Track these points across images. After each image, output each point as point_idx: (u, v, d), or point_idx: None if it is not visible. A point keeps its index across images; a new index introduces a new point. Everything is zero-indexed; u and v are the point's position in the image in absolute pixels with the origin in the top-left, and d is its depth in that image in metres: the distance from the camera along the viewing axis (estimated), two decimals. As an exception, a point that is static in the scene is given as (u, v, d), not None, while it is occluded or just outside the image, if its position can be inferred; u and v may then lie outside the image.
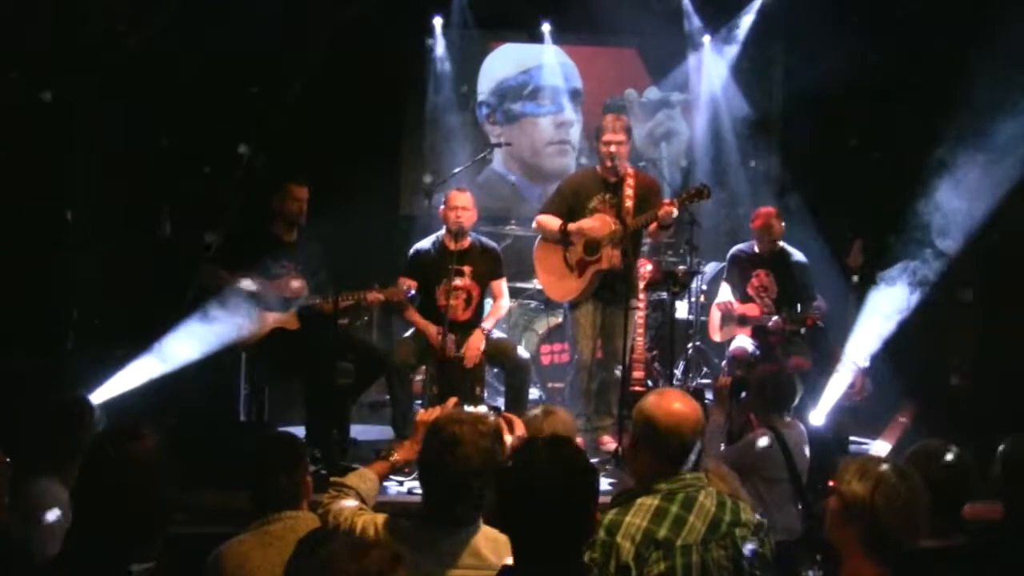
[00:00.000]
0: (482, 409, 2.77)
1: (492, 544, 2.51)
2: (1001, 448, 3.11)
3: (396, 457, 2.94)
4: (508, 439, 2.77)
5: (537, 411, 3.17)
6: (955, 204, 5.76)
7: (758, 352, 5.91)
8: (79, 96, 5.71)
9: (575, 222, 5.51)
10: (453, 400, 3.04)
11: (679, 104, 8.53)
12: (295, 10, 6.68)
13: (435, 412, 2.85)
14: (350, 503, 2.75)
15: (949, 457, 2.99)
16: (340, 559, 1.87)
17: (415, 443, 2.81)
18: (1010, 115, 5.61)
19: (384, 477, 2.93)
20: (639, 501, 2.62)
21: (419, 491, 2.69)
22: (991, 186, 5.71)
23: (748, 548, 2.59)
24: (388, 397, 5.79)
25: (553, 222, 5.55)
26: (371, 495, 2.86)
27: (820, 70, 6.76)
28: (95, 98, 5.78)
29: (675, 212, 5.23)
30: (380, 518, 2.65)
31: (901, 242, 5.97)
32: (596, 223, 5.45)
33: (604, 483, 5.09)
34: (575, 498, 2.20)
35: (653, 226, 5.41)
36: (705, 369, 7.19)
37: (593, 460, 5.45)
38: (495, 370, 6.14)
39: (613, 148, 5.42)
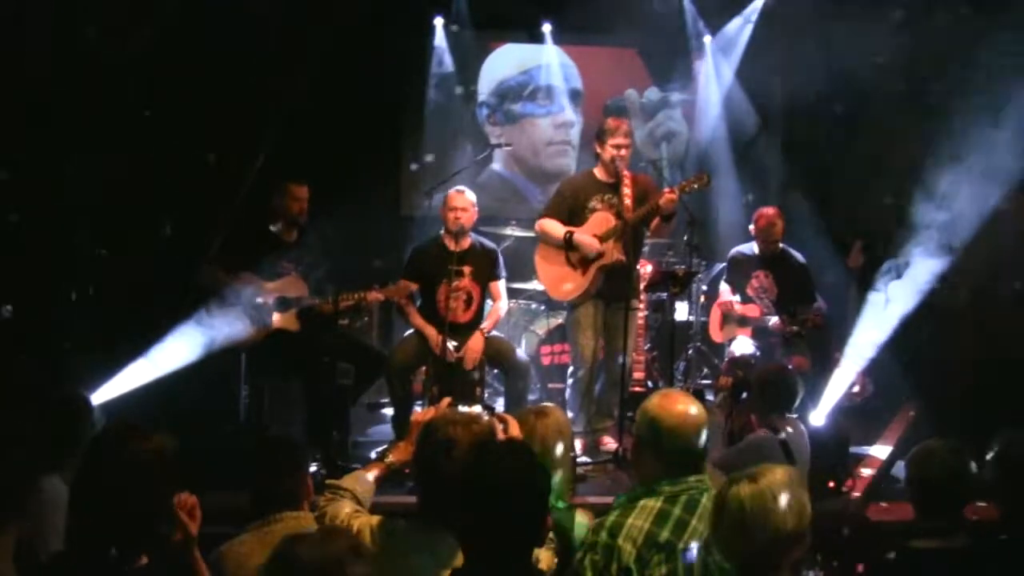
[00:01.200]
0: (476, 409, 2.77)
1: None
2: (995, 448, 3.11)
3: (391, 459, 2.93)
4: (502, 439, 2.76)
5: (530, 411, 3.16)
6: (955, 203, 5.76)
7: (758, 353, 5.91)
8: (79, 96, 5.71)
9: (578, 228, 5.48)
10: (447, 400, 3.04)
11: (680, 104, 8.53)
12: (295, 10, 6.68)
13: (430, 413, 2.85)
14: (346, 506, 2.75)
15: (949, 458, 2.99)
16: (304, 546, 1.89)
17: (410, 444, 2.81)
18: (1010, 114, 5.61)
19: (380, 479, 2.93)
20: (641, 503, 2.62)
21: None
22: (990, 186, 5.71)
23: (690, 555, 2.56)
24: (388, 398, 5.79)
25: (557, 229, 5.53)
26: (367, 497, 2.85)
27: (821, 70, 6.76)
28: (96, 97, 5.78)
29: (676, 198, 5.23)
30: (376, 520, 2.65)
31: (899, 242, 5.97)
32: (599, 231, 5.44)
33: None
34: (526, 501, 2.20)
35: (656, 221, 5.41)
36: (705, 370, 7.19)
37: (594, 461, 5.49)
38: (495, 371, 6.14)
39: (623, 152, 5.43)
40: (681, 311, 7.03)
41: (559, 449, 2.97)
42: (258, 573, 2.03)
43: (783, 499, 2.14)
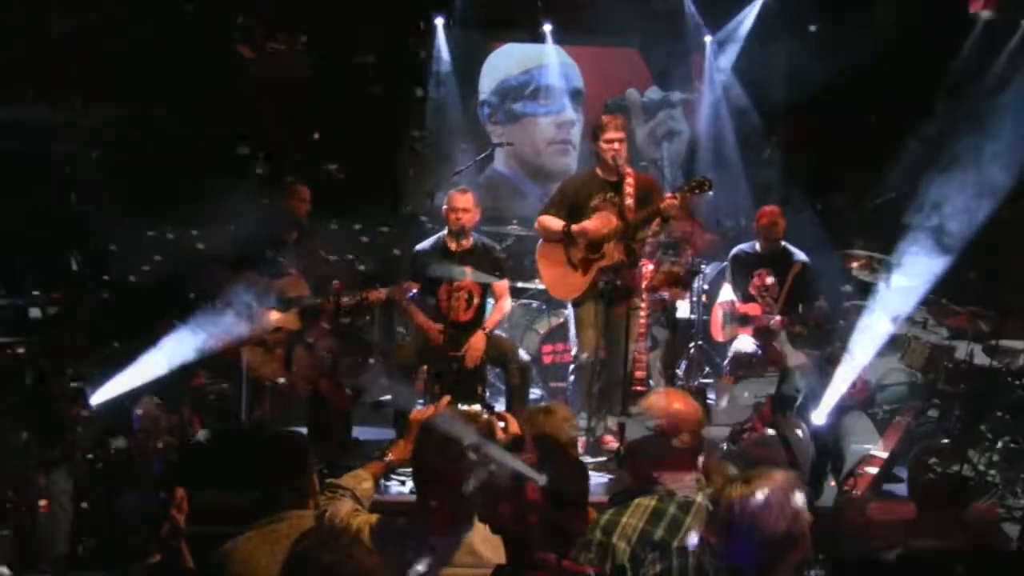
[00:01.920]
0: (475, 407, 2.78)
1: (489, 542, 2.51)
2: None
3: (390, 457, 2.94)
4: (501, 437, 2.77)
5: (537, 409, 3.16)
6: (955, 201, 5.75)
7: (760, 352, 5.90)
8: (80, 96, 5.72)
9: (578, 223, 5.50)
10: (446, 399, 3.04)
11: (680, 104, 8.53)
12: (296, 10, 6.70)
13: (428, 411, 2.86)
14: (346, 504, 2.75)
15: (949, 458, 3.00)
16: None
17: (409, 442, 2.81)
18: (1009, 113, 5.60)
19: (379, 477, 2.93)
20: (636, 501, 2.62)
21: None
22: (991, 183, 5.71)
23: (691, 541, 2.54)
24: (390, 397, 5.79)
25: (555, 223, 5.54)
26: (366, 496, 2.86)
27: (821, 70, 6.76)
28: (96, 97, 5.79)
29: (677, 203, 5.24)
30: (374, 518, 2.65)
31: (896, 242, 5.97)
32: (598, 223, 5.45)
33: (602, 479, 5.12)
34: (563, 499, 2.19)
35: (656, 222, 5.41)
36: (707, 369, 7.18)
37: (595, 459, 5.48)
38: (496, 370, 6.14)
39: (616, 146, 5.42)
40: (682, 310, 7.02)
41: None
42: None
43: (775, 502, 2.12)
